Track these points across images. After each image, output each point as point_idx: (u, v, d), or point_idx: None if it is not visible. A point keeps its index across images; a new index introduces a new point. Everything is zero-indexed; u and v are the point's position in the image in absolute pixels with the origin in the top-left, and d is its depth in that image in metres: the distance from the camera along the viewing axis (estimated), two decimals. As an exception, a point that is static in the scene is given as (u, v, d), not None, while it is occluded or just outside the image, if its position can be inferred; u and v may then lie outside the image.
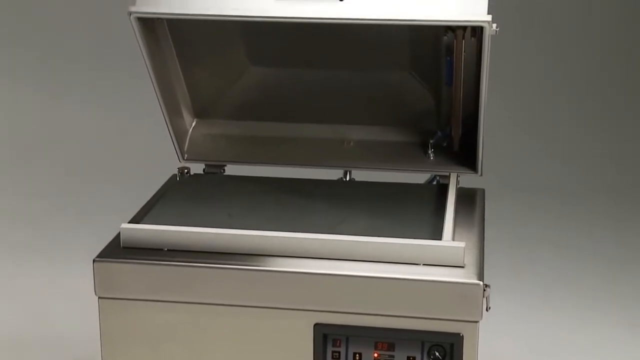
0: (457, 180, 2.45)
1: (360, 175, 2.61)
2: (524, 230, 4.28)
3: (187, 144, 2.62)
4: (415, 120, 2.56)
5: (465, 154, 2.50)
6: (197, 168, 2.64)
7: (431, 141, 2.53)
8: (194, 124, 2.65)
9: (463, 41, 2.28)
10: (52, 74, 5.29)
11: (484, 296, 1.95)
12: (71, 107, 5.23)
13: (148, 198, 2.48)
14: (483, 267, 2.01)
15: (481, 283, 1.93)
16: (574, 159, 4.95)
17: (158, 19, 2.30)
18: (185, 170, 2.58)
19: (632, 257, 4.03)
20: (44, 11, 5.29)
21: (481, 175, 2.48)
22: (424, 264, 2.00)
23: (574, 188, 4.75)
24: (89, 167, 4.94)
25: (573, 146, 5.02)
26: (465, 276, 1.95)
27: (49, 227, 4.31)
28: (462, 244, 2.00)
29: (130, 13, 2.17)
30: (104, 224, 4.13)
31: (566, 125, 5.13)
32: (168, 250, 2.08)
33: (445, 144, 2.54)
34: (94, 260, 2.06)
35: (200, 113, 2.64)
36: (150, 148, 4.83)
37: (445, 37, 2.32)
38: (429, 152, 2.53)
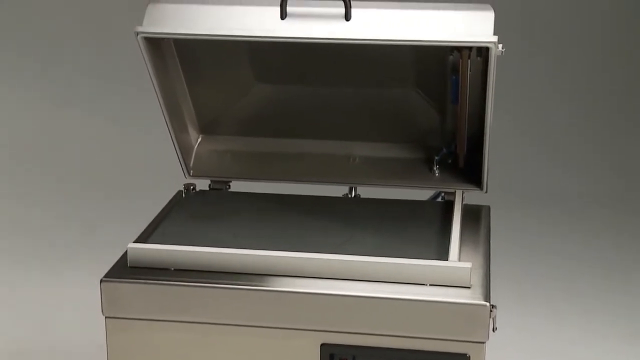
0: (462, 197, 2.46)
1: (365, 191, 2.62)
2: (526, 241, 4.28)
3: (192, 160, 2.63)
4: (420, 137, 2.57)
5: (471, 171, 2.50)
6: (202, 183, 2.65)
7: (436, 158, 2.54)
8: (199, 140, 2.66)
9: (469, 60, 2.29)
10: (56, 85, 5.30)
11: (490, 317, 1.95)
12: (77, 119, 5.23)
13: (152, 210, 2.48)
14: (489, 287, 2.02)
15: (488, 304, 1.94)
16: (577, 169, 4.96)
17: (165, 38, 2.30)
18: (191, 187, 2.58)
19: (635, 268, 4.03)
20: (49, 20, 5.30)
21: (486, 192, 2.49)
22: (430, 284, 2.01)
23: (576, 198, 4.76)
24: (93, 178, 4.94)
25: (576, 157, 5.03)
26: (471, 297, 1.96)
27: (52, 237, 4.31)
28: (468, 265, 2.00)
29: (137, 33, 2.18)
30: (108, 236, 4.18)
31: (569, 134, 5.14)
32: (175, 270, 2.08)
33: (450, 161, 2.55)
34: (101, 280, 2.06)
35: (206, 129, 2.65)
36: (155, 157, 4.84)
37: (451, 57, 2.33)
38: (434, 168, 2.54)
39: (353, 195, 2.63)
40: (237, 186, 2.67)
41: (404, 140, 2.58)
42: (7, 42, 5.30)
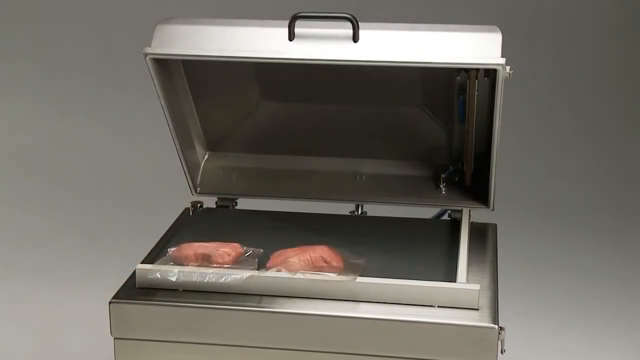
0: (469, 214, 2.47)
1: (372, 208, 2.62)
2: (531, 252, 4.28)
3: (199, 177, 2.63)
4: (427, 154, 2.57)
5: (477, 188, 2.51)
6: (208, 200, 2.65)
7: (443, 175, 2.55)
8: (206, 157, 2.67)
9: (476, 81, 2.30)
10: (61, 96, 5.31)
11: (499, 339, 1.96)
12: (82, 131, 5.24)
13: (155, 224, 2.47)
14: (497, 309, 2.02)
15: (496, 327, 1.94)
16: (583, 182, 4.96)
17: (173, 59, 2.31)
18: (198, 205, 2.59)
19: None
20: (54, 29, 5.31)
21: (493, 209, 2.49)
22: (438, 306, 2.01)
23: (582, 211, 4.76)
24: (98, 191, 4.94)
25: (580, 168, 5.04)
26: (480, 319, 1.96)
27: (52, 248, 4.31)
28: (476, 287, 2.01)
29: (146, 54, 2.19)
30: (109, 249, 4.19)
31: (572, 146, 5.14)
32: (183, 290, 2.09)
33: (457, 179, 2.56)
34: (110, 302, 2.07)
35: (212, 146, 2.66)
36: (160, 169, 4.84)
37: (458, 77, 2.34)
38: (441, 186, 2.54)
39: (360, 212, 2.63)
40: (243, 203, 2.67)
41: (410, 158, 2.59)
42: (10, 50, 5.31)
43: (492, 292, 2.09)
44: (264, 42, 2.18)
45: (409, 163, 2.60)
